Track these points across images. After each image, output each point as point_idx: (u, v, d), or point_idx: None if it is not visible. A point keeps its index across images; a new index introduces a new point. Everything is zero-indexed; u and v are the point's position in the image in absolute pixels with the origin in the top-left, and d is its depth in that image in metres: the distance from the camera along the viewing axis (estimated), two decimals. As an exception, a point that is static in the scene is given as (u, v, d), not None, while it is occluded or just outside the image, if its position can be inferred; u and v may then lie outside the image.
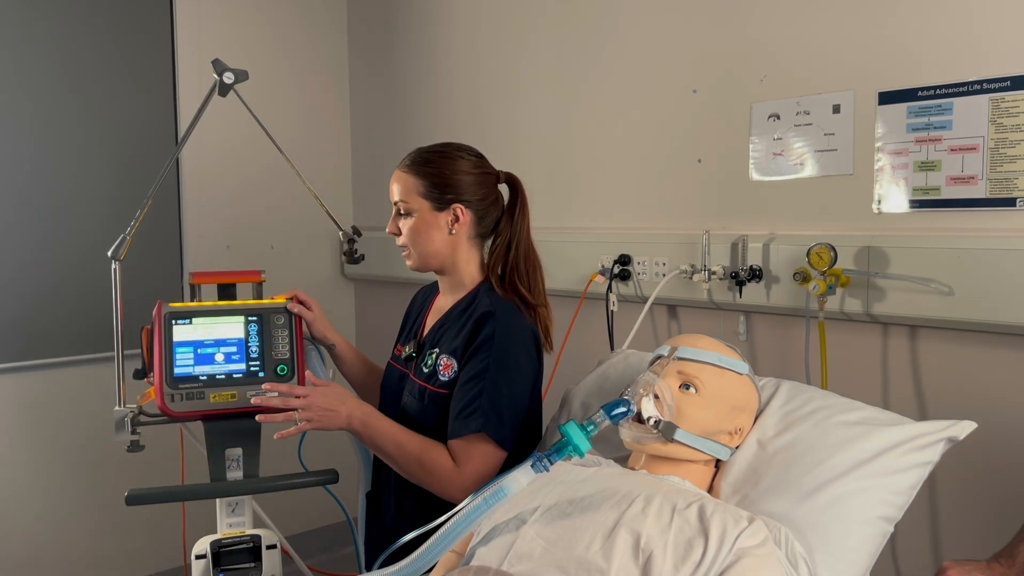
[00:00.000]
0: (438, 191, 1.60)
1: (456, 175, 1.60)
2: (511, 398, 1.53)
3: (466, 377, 1.53)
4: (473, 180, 1.61)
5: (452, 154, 1.63)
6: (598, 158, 2.43)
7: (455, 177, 1.60)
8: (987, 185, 1.68)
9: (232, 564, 1.69)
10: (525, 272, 1.64)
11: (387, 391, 1.75)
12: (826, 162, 1.93)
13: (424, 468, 1.51)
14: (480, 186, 1.62)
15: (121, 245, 1.76)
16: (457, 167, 1.61)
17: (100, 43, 2.72)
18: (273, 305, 1.79)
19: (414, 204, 1.61)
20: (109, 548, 2.80)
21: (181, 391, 1.69)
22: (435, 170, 1.60)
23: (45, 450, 2.68)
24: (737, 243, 2.03)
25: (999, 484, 1.70)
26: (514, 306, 1.60)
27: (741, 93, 2.07)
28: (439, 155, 1.62)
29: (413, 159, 1.64)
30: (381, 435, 1.52)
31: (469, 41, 2.83)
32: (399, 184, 1.64)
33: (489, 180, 1.65)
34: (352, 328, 3.42)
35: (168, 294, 2.15)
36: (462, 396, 1.51)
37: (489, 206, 1.64)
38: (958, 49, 1.71)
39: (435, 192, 1.60)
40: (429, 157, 1.62)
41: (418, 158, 1.63)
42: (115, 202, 2.73)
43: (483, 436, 1.48)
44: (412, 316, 1.83)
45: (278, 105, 3.06)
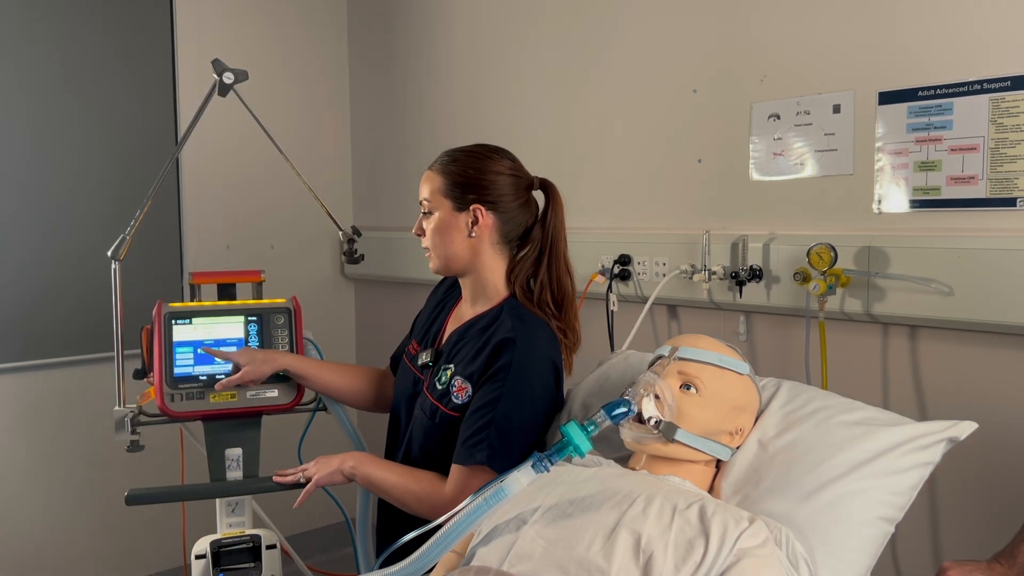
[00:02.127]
0: (459, 190, 1.55)
1: (481, 175, 1.55)
2: (521, 430, 1.49)
3: (478, 403, 1.50)
4: (499, 181, 1.56)
5: (481, 154, 1.58)
6: (598, 158, 2.43)
7: (479, 177, 1.55)
8: (987, 185, 1.68)
9: (232, 564, 1.69)
10: (556, 291, 1.58)
11: (402, 393, 1.72)
12: (826, 162, 1.93)
13: (422, 504, 1.51)
14: (507, 188, 1.56)
15: (121, 245, 1.76)
16: (483, 167, 1.56)
17: (100, 43, 2.72)
18: (273, 305, 1.79)
19: (435, 203, 1.57)
20: (109, 548, 2.80)
21: (181, 391, 1.69)
22: (459, 169, 1.56)
23: (45, 450, 2.68)
24: (737, 243, 2.03)
25: (999, 484, 1.69)
26: (538, 327, 1.54)
27: (741, 93, 2.07)
28: (467, 154, 1.58)
29: (442, 158, 1.60)
30: (371, 483, 1.57)
31: (469, 41, 2.83)
32: (426, 183, 1.59)
33: (519, 183, 1.58)
34: (352, 328, 3.42)
35: (168, 294, 2.15)
36: (473, 423, 1.49)
37: (517, 210, 1.58)
38: (958, 49, 1.71)
39: (456, 191, 1.55)
40: (456, 156, 1.58)
41: (446, 157, 1.59)
42: (115, 202, 2.73)
43: (486, 468, 1.46)
44: (432, 311, 1.77)
45: (278, 105, 3.06)
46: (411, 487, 1.53)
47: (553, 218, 1.59)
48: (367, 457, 1.60)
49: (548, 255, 1.59)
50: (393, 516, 1.64)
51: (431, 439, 1.57)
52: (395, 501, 1.55)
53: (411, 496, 1.53)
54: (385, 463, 1.60)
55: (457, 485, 1.48)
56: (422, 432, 1.59)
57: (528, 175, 1.61)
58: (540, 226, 1.60)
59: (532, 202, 1.62)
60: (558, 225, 1.60)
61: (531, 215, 1.61)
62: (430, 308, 1.78)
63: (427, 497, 1.51)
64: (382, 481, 1.55)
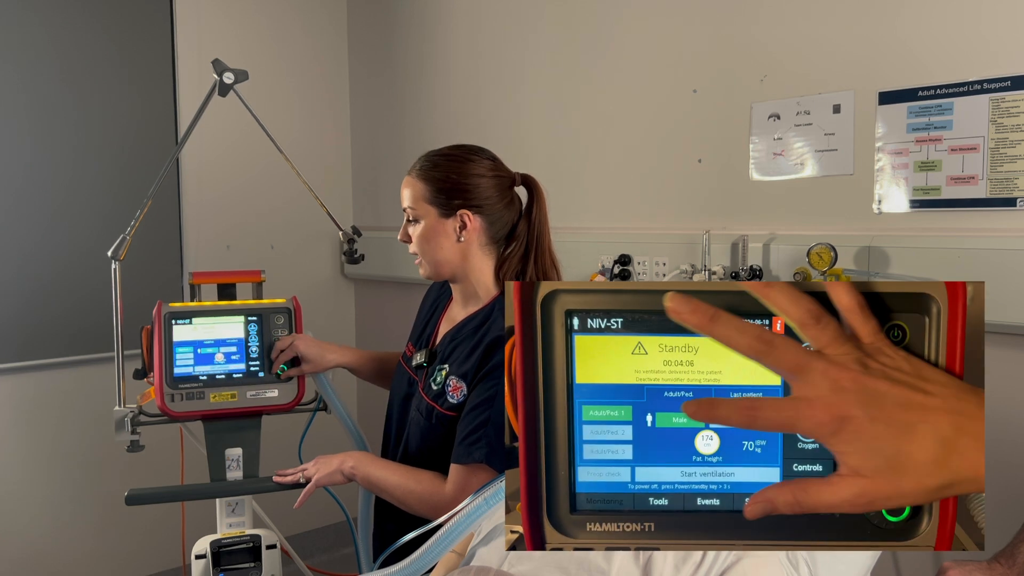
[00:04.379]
0: (444, 196, 1.54)
1: (464, 179, 1.54)
2: None
3: (474, 402, 1.50)
4: (483, 184, 1.55)
5: (461, 157, 1.57)
6: (598, 158, 2.43)
7: (463, 181, 1.54)
8: (987, 185, 1.68)
9: (232, 564, 1.69)
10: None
11: (396, 394, 1.73)
12: (826, 162, 1.93)
13: (423, 504, 1.51)
14: (491, 189, 1.56)
15: (121, 245, 1.76)
16: (465, 171, 1.55)
17: (100, 43, 2.72)
18: (273, 305, 1.79)
19: (421, 210, 1.56)
20: (109, 548, 2.80)
21: (181, 391, 1.69)
22: (442, 175, 1.55)
23: (45, 450, 2.68)
24: (737, 243, 2.03)
25: (999, 484, 1.69)
26: None
27: (741, 93, 2.07)
28: (447, 159, 1.57)
29: (422, 164, 1.59)
30: (371, 483, 1.57)
31: (469, 41, 2.83)
32: (408, 190, 1.58)
33: (502, 183, 1.58)
34: (352, 328, 3.42)
35: (168, 294, 2.15)
36: (469, 422, 1.49)
37: (502, 210, 1.58)
38: (958, 49, 1.71)
39: (441, 198, 1.54)
40: (437, 161, 1.57)
41: (426, 163, 1.58)
42: (115, 202, 2.73)
43: (485, 467, 1.46)
44: (425, 314, 1.78)
45: (278, 105, 3.06)
46: (412, 487, 1.53)
47: (537, 212, 1.60)
48: (367, 457, 1.60)
49: (535, 250, 1.59)
50: (392, 516, 1.65)
51: (428, 439, 1.57)
52: (396, 501, 1.55)
53: (412, 496, 1.53)
54: (385, 463, 1.60)
55: (457, 484, 1.48)
56: (419, 432, 1.59)
57: (509, 172, 1.61)
58: (525, 221, 1.60)
59: (516, 199, 1.62)
60: (542, 219, 1.60)
61: (516, 212, 1.61)
62: (424, 310, 1.79)
63: (428, 497, 1.51)
64: (382, 481, 1.55)
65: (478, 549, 1.23)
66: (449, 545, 1.19)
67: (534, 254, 1.59)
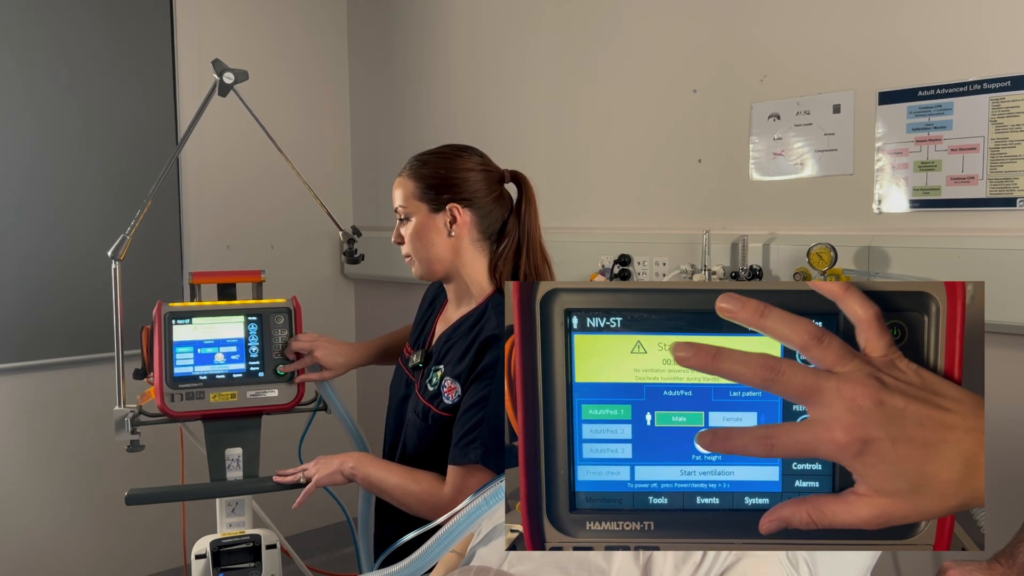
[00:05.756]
0: (433, 192, 1.56)
1: (452, 174, 1.56)
2: None
3: (469, 403, 1.50)
4: (471, 177, 1.57)
5: (449, 154, 1.59)
6: (598, 158, 2.43)
7: (451, 176, 1.56)
8: (987, 185, 1.68)
9: (232, 564, 1.69)
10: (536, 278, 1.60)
11: (395, 395, 1.73)
12: (826, 162, 1.93)
13: (423, 504, 1.51)
14: (479, 183, 1.57)
15: (121, 245, 1.76)
16: (453, 166, 1.57)
17: (100, 43, 2.72)
18: (273, 305, 1.78)
19: (411, 208, 1.57)
20: (109, 548, 2.80)
21: (181, 391, 1.69)
22: (430, 171, 1.57)
23: (45, 450, 2.68)
24: (737, 243, 2.03)
25: (999, 484, 1.69)
26: None
27: (741, 93, 2.07)
28: (435, 156, 1.60)
29: (411, 163, 1.60)
30: (371, 483, 1.57)
31: (469, 41, 2.83)
32: (398, 190, 1.60)
33: (490, 177, 1.59)
34: (352, 328, 3.42)
35: (168, 294, 2.15)
36: (464, 422, 1.49)
37: (491, 204, 1.58)
38: (958, 49, 1.71)
39: (431, 193, 1.56)
40: (426, 159, 1.59)
41: (415, 162, 1.60)
42: (115, 202, 2.73)
43: (481, 467, 1.46)
44: (423, 314, 1.79)
45: (278, 105, 3.06)
46: (411, 488, 1.53)
47: (527, 208, 1.60)
48: (367, 457, 1.60)
49: (527, 246, 1.60)
50: (392, 517, 1.65)
51: (425, 440, 1.58)
52: (395, 502, 1.56)
53: (411, 497, 1.53)
54: (385, 464, 1.60)
55: (454, 485, 1.49)
56: (416, 433, 1.59)
57: (498, 169, 1.62)
58: (515, 218, 1.60)
59: (506, 195, 1.63)
60: (533, 215, 1.61)
61: (506, 208, 1.61)
62: (422, 311, 1.80)
63: (427, 498, 1.51)
64: (382, 482, 1.55)
65: (478, 549, 1.23)
66: (449, 545, 1.19)
67: (526, 250, 1.59)
